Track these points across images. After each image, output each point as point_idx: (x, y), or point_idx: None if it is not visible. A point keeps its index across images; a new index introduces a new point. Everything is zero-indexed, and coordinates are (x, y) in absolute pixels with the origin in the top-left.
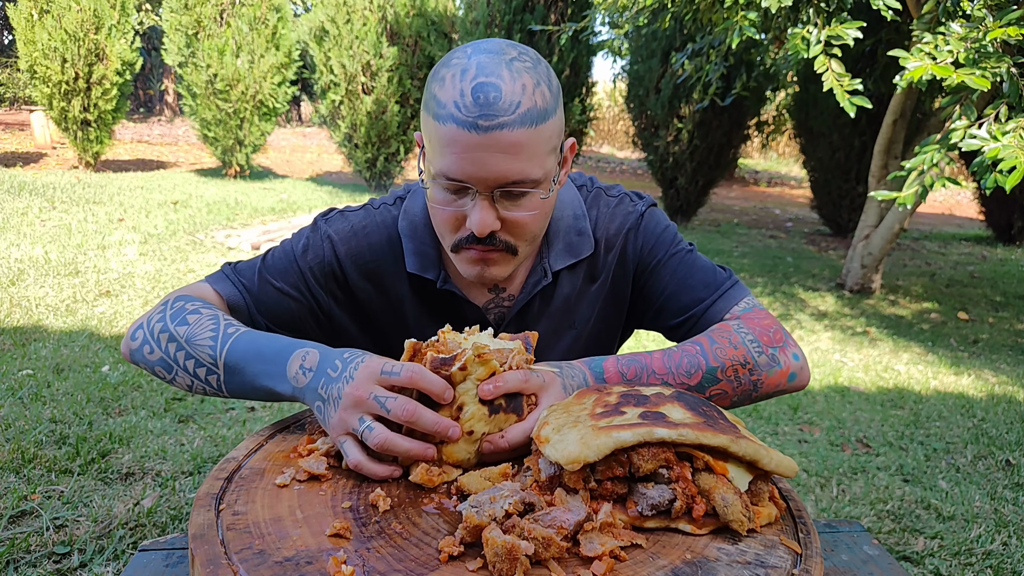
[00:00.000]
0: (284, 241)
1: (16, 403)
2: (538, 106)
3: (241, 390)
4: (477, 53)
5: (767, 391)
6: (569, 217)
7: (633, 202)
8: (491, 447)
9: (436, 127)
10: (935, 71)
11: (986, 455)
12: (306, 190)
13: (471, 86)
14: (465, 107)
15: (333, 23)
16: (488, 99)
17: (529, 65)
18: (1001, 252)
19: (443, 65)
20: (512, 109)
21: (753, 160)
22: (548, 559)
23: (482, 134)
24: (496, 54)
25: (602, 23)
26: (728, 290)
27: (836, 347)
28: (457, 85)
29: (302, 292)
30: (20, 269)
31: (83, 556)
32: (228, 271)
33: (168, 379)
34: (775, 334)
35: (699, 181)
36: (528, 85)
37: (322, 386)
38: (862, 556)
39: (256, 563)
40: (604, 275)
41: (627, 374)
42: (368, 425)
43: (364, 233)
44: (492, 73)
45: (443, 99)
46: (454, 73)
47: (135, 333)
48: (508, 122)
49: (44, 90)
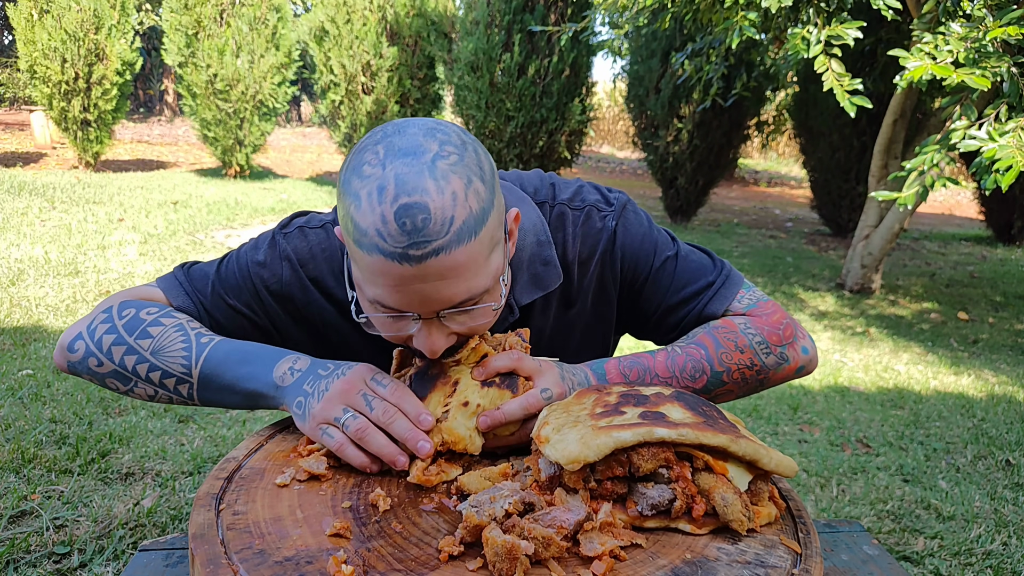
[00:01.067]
0: (242, 250)
1: (16, 403)
2: (473, 212)
3: (216, 396)
4: (392, 157)
5: (774, 384)
6: (532, 245)
7: (602, 213)
8: (488, 421)
9: (359, 254)
10: (935, 71)
11: (986, 455)
12: (306, 190)
13: (393, 210)
14: (390, 236)
15: (333, 23)
16: (416, 224)
17: (455, 159)
18: (1001, 252)
19: (355, 173)
20: (445, 229)
21: (753, 160)
22: (548, 559)
23: (415, 265)
24: (414, 157)
25: (602, 23)
26: (720, 288)
27: (836, 347)
28: (376, 209)
29: (255, 311)
30: (20, 269)
31: (83, 556)
32: (182, 278)
33: (123, 390)
34: (785, 330)
35: (699, 181)
36: (459, 191)
37: (309, 383)
38: (862, 556)
39: (256, 563)
40: (581, 302)
41: (629, 375)
42: (352, 415)
43: (324, 256)
44: (415, 188)
45: (363, 225)
46: (369, 190)
47: (73, 344)
48: (443, 245)
49: (44, 90)
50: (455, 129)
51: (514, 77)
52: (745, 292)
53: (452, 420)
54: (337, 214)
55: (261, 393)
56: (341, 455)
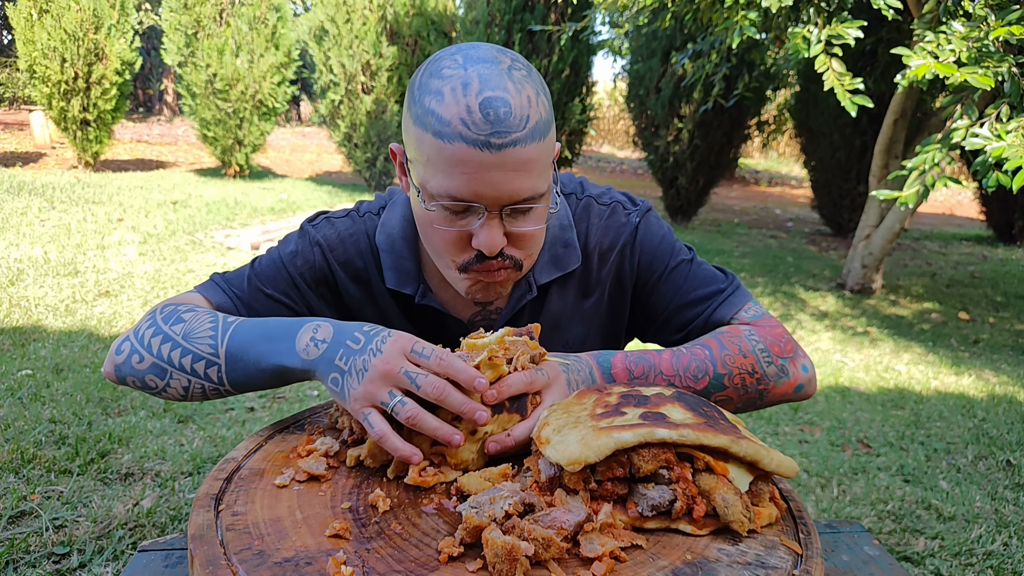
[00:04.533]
0: (271, 249)
1: (15, 403)
2: (543, 118)
3: (244, 376)
4: (472, 63)
5: (772, 400)
6: (555, 228)
7: (627, 211)
8: (497, 447)
9: (439, 145)
10: (938, 69)
11: (987, 455)
12: (306, 190)
13: (478, 101)
14: (474, 124)
15: (333, 23)
16: (499, 115)
17: (526, 73)
18: (1001, 252)
19: (434, 76)
20: (523, 124)
21: (753, 160)
22: (548, 560)
23: (495, 152)
24: (492, 63)
25: (602, 23)
26: (729, 296)
27: (837, 347)
28: (461, 100)
29: (293, 298)
30: (19, 269)
31: (82, 556)
32: (218, 280)
33: (160, 387)
34: (786, 344)
35: (699, 181)
36: (532, 96)
37: (340, 358)
38: (863, 557)
39: (255, 564)
40: (599, 292)
41: (635, 371)
42: (400, 400)
43: (352, 240)
44: (497, 86)
45: (446, 116)
46: (453, 86)
47: (120, 347)
48: (521, 138)
49: (43, 90)
50: (520, 55)
51: None
52: (752, 305)
53: (460, 447)
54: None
55: (288, 367)
56: (383, 445)
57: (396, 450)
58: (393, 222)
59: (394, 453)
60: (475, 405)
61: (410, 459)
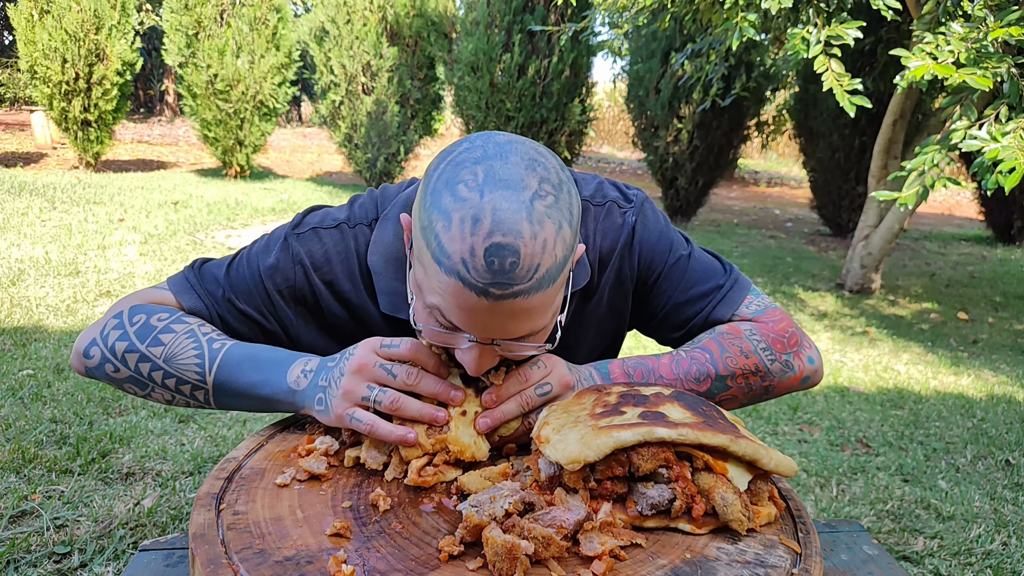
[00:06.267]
0: (253, 250)
1: (16, 403)
2: (557, 261)
3: (233, 401)
4: (492, 187)
5: (779, 394)
6: None
7: (622, 210)
8: (488, 422)
9: (437, 271)
10: (937, 70)
11: (986, 455)
12: (306, 190)
13: (484, 245)
14: (475, 269)
15: (333, 23)
16: (504, 267)
17: (552, 201)
18: (1001, 252)
19: (448, 188)
20: (530, 275)
21: (753, 160)
22: (548, 558)
23: (492, 301)
24: (515, 190)
25: (602, 23)
26: (728, 292)
27: (836, 347)
28: (467, 239)
29: (265, 316)
30: (20, 269)
31: (83, 556)
32: (192, 279)
33: (142, 394)
34: (790, 338)
35: (699, 181)
36: (549, 239)
37: (321, 377)
38: (862, 556)
39: (256, 563)
40: (599, 295)
41: (633, 375)
42: (379, 390)
43: (340, 260)
44: (510, 229)
45: (448, 248)
46: (463, 216)
47: (89, 350)
48: (523, 290)
49: (44, 90)
50: (555, 164)
51: (514, 77)
52: (753, 298)
53: (454, 431)
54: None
55: (277, 399)
56: (375, 436)
57: (390, 434)
58: (386, 240)
59: (389, 438)
60: (447, 387)
61: (405, 439)
